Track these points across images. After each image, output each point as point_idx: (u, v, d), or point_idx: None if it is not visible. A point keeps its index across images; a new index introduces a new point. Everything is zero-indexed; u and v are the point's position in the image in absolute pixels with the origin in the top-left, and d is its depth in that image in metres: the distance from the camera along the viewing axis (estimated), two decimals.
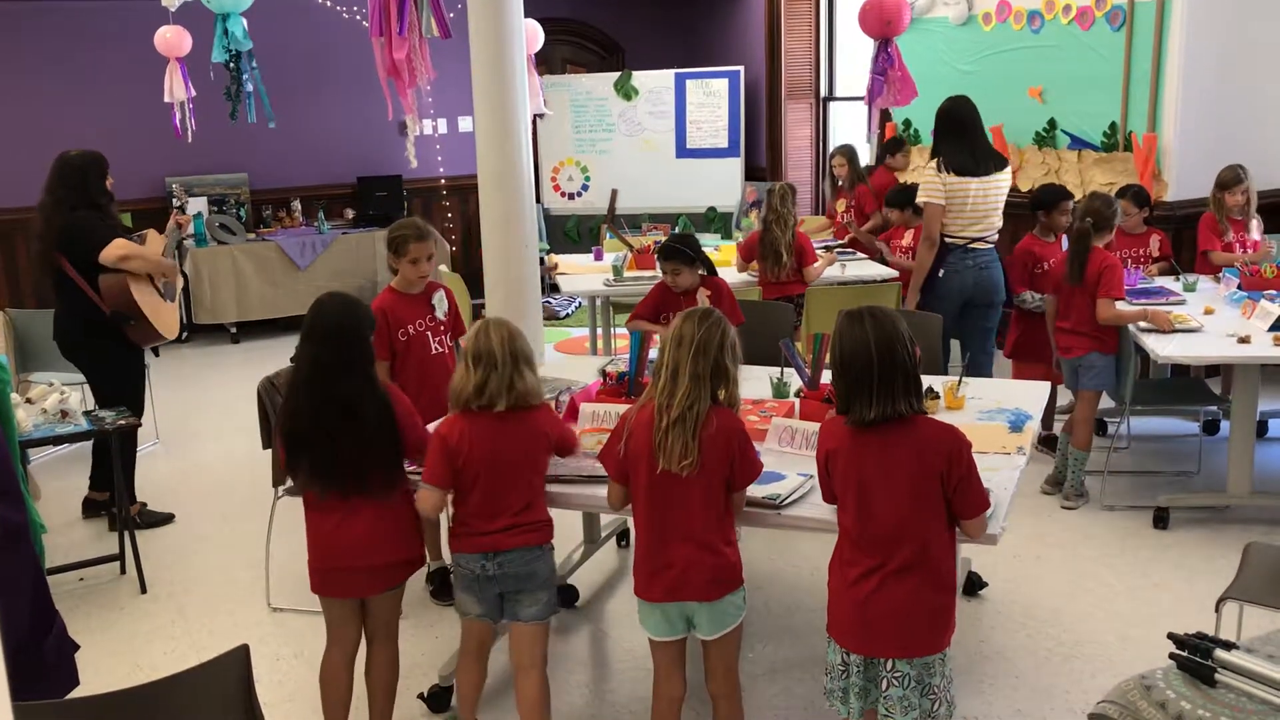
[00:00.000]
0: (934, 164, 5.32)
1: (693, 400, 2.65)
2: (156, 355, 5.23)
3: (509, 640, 3.14)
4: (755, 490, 2.86)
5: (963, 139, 5.27)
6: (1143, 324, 4.67)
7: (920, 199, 5.37)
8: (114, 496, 4.64)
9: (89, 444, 5.62)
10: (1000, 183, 5.31)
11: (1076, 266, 4.70)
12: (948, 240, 5.30)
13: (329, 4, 8.78)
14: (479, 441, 2.92)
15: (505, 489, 2.95)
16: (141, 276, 4.89)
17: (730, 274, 6.00)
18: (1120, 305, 4.74)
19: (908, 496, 2.50)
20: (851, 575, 2.56)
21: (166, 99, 7.50)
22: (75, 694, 2.54)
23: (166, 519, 5.09)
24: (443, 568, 4.18)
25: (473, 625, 3.10)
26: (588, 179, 10.06)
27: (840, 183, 7.34)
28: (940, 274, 5.32)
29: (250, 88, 7.14)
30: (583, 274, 6.59)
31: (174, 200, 5.32)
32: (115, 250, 4.75)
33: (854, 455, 2.55)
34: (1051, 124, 6.79)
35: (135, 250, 4.85)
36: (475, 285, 6.12)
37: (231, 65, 7.06)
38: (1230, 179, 5.53)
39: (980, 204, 5.24)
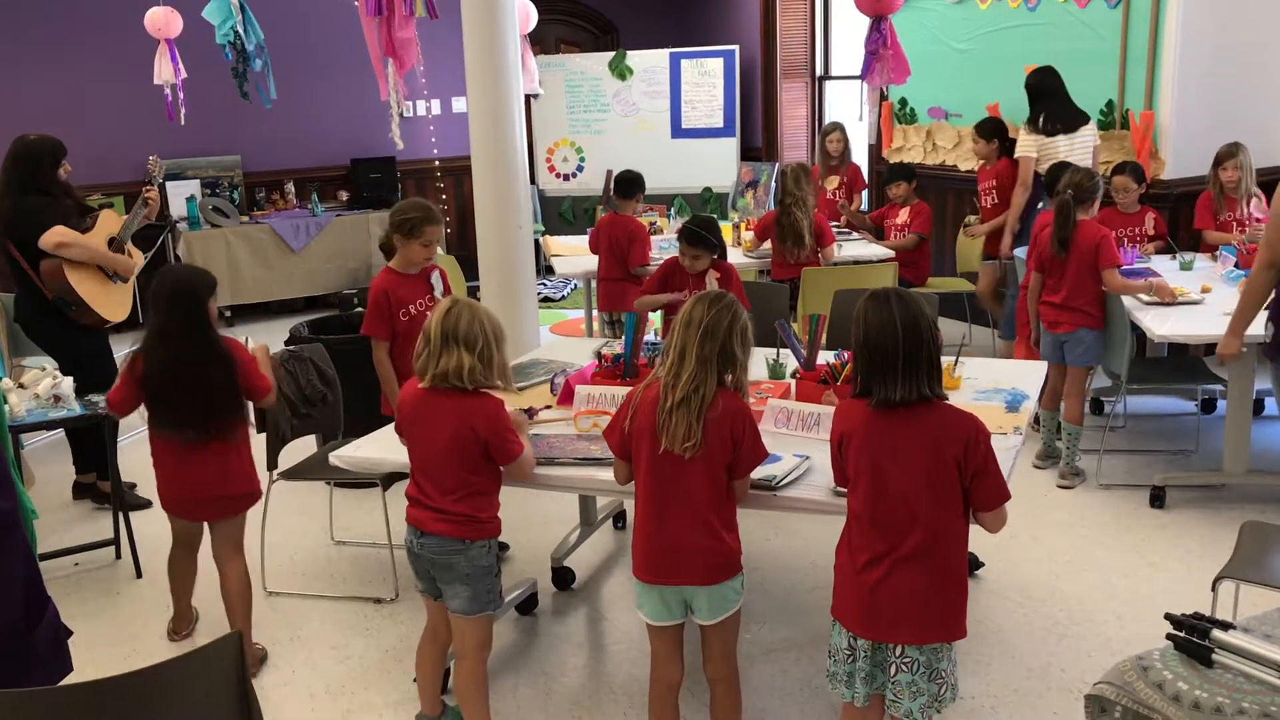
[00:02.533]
0: (1025, 125, 6.15)
1: (698, 383, 2.63)
2: (119, 332, 5.21)
3: None
4: (751, 472, 2.85)
5: (1049, 103, 6.10)
6: (1144, 297, 4.72)
7: (1017, 153, 6.20)
8: (101, 479, 4.62)
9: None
10: (1085, 136, 6.07)
11: (1060, 238, 4.77)
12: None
13: None
14: (412, 409, 2.99)
15: (430, 466, 2.96)
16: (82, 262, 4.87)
17: (734, 255, 6.01)
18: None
19: (922, 481, 2.47)
20: (860, 561, 2.53)
21: (156, 81, 7.45)
22: (69, 680, 2.53)
23: (143, 504, 4.97)
24: None
25: (426, 601, 3.15)
26: (582, 160, 10.02)
27: (833, 160, 7.33)
28: (1040, 206, 5.99)
29: (258, 67, 7.08)
30: (578, 256, 6.56)
31: (150, 175, 5.23)
32: (52, 237, 4.71)
33: (869, 437, 2.52)
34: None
35: (73, 238, 4.78)
36: (469, 267, 6.10)
37: (237, 45, 7.01)
38: (1222, 154, 5.55)
39: (1069, 155, 5.96)
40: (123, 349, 5.15)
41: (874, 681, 2.57)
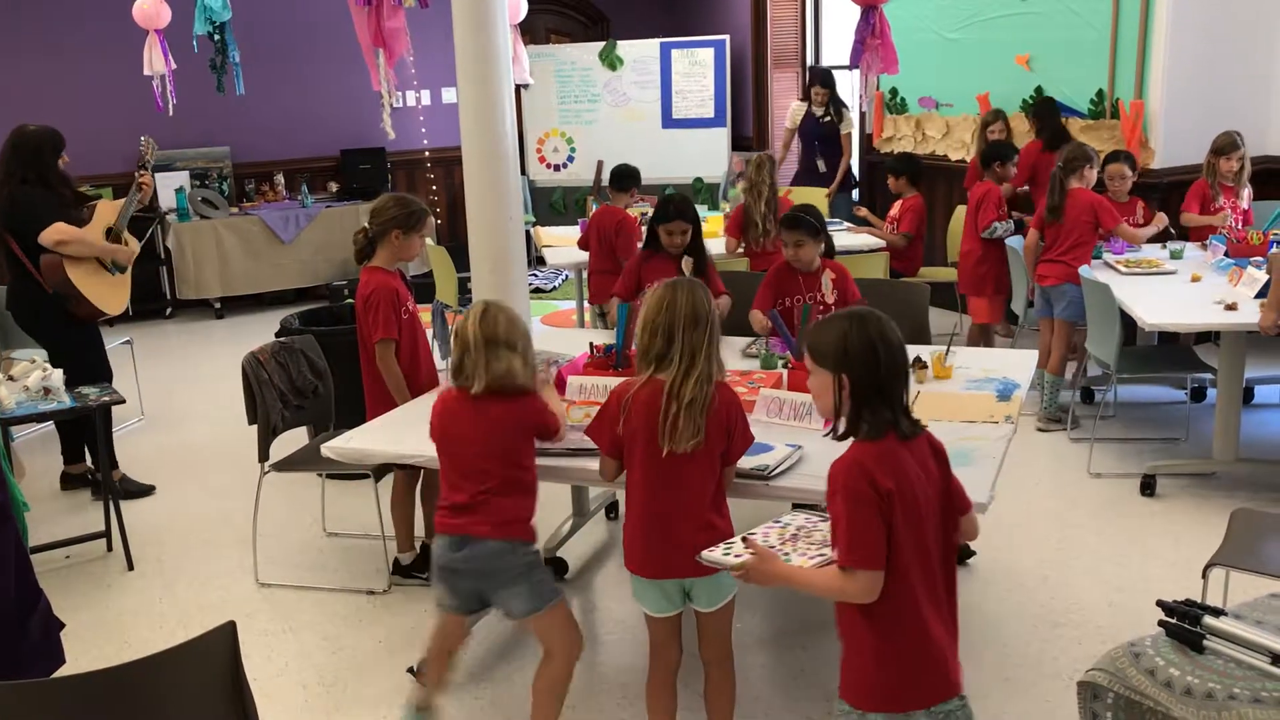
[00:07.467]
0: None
1: (704, 380, 2.63)
2: (111, 325, 5.20)
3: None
4: (743, 461, 2.86)
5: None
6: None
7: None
8: (92, 469, 4.62)
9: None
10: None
11: (1056, 206, 5.18)
12: None
13: None
14: (449, 417, 2.94)
15: (467, 471, 2.91)
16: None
17: (723, 246, 6.01)
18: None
19: (939, 510, 2.22)
20: (928, 630, 2.17)
21: (146, 72, 7.41)
22: (62, 672, 2.53)
23: (147, 490, 5.08)
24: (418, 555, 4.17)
25: (444, 617, 3.07)
26: (573, 150, 10.00)
27: None
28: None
29: (237, 59, 7.05)
30: (569, 247, 6.55)
31: (142, 158, 5.21)
32: (52, 234, 4.72)
33: (909, 482, 2.14)
34: (1038, 91, 6.76)
35: (73, 235, 4.78)
36: (460, 258, 6.08)
37: (215, 37, 6.97)
38: (1226, 144, 5.55)
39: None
40: (114, 341, 5.15)
41: None
